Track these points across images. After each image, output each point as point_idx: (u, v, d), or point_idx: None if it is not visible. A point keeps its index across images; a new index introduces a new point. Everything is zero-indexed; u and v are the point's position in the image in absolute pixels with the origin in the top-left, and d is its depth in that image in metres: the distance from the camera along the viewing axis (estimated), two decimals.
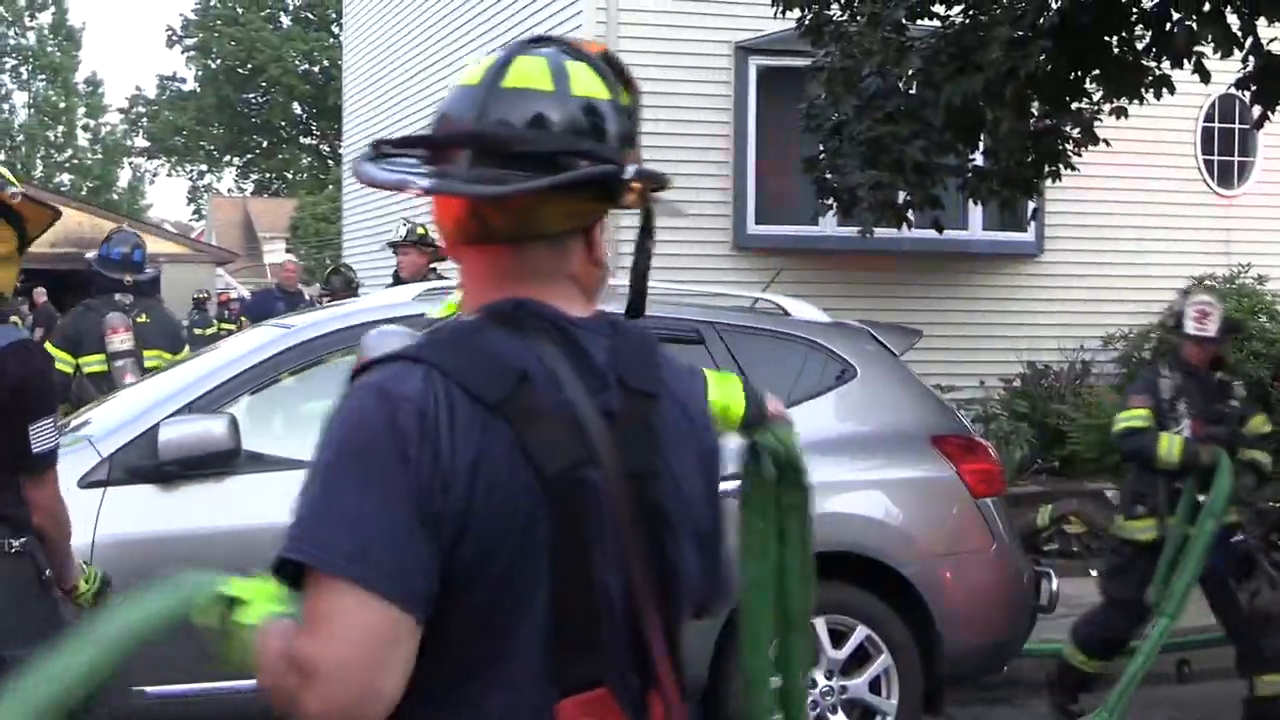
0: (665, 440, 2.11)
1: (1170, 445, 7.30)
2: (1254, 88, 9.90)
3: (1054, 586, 7.00)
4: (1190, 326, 7.46)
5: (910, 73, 10.34)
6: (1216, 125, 15.36)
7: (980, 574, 6.77)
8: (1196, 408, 7.46)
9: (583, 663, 1.98)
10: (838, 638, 6.46)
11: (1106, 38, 9.82)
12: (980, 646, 6.75)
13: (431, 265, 10.54)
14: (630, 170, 2.10)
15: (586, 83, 2.12)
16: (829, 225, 13.22)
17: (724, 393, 4.15)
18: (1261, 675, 7.33)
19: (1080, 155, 10.90)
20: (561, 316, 2.08)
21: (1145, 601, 7.41)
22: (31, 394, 4.15)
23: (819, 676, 6.40)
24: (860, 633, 6.46)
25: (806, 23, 10.90)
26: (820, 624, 6.36)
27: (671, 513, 2.08)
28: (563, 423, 1.98)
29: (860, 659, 6.50)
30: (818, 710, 6.39)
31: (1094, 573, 11.17)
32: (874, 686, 6.50)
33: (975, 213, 13.67)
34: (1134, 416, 7.46)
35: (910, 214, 11.34)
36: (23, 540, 4.17)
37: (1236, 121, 15.02)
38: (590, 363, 2.06)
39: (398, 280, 10.28)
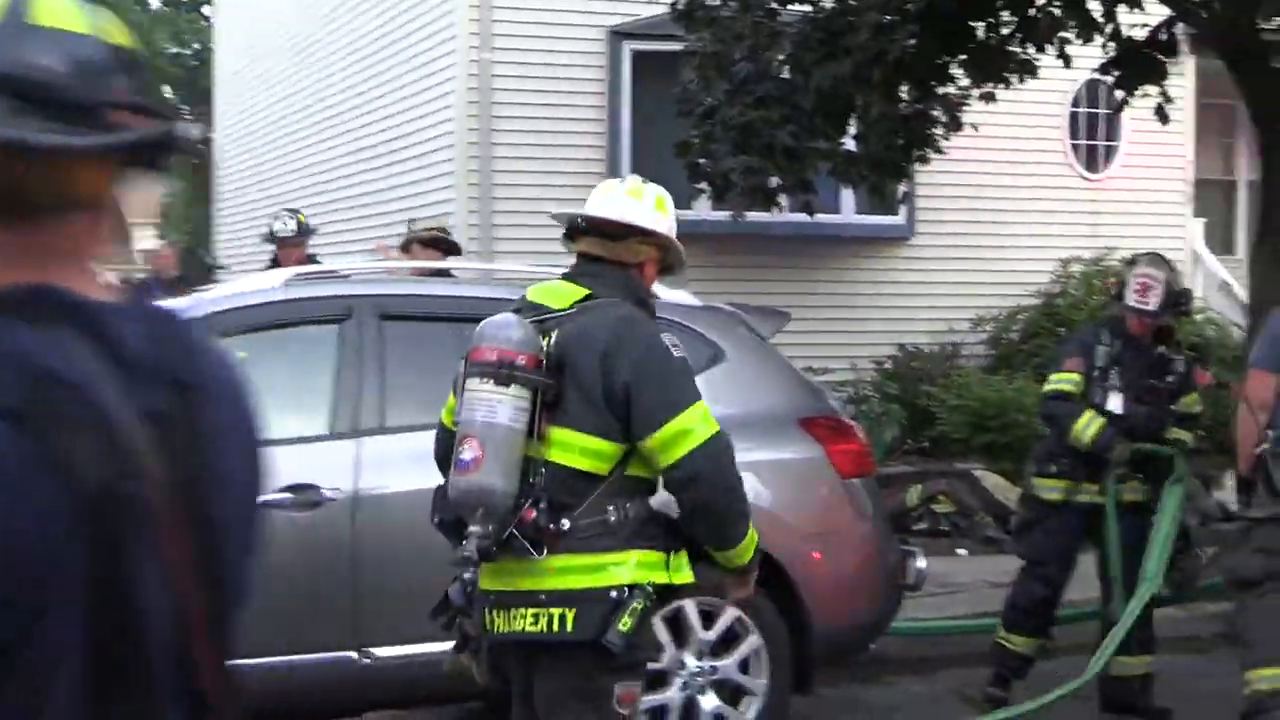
0: (214, 439, 1.84)
1: (1086, 426, 7.21)
2: (1116, 72, 10.09)
3: (920, 565, 7.07)
4: (1130, 298, 7.29)
5: (781, 57, 10.41)
6: (1083, 110, 15.61)
7: (849, 554, 6.84)
8: (1129, 380, 7.34)
9: (129, 704, 1.71)
10: (707, 618, 6.48)
11: (972, 23, 9.95)
12: (849, 626, 6.82)
13: (310, 254, 10.45)
14: (192, 130, 1.84)
15: (117, 30, 1.82)
16: (702, 209, 13.25)
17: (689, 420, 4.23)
18: (1118, 656, 7.43)
19: (948, 139, 11.03)
20: (89, 302, 1.76)
21: (1056, 565, 7.38)
22: None
23: (689, 658, 6.43)
24: (730, 613, 6.49)
25: (679, 7, 10.93)
26: (690, 605, 6.39)
27: (222, 520, 1.83)
28: (96, 430, 1.68)
29: (730, 640, 6.52)
30: (688, 691, 6.43)
31: (962, 551, 11.36)
32: (744, 667, 6.53)
33: (847, 196, 13.78)
34: (1064, 380, 7.37)
35: (782, 198, 11.41)
36: None
37: (1102, 106, 15.25)
38: (127, 356, 1.75)
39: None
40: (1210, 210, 16.97)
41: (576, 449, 4.23)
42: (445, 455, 4.47)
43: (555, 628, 4.17)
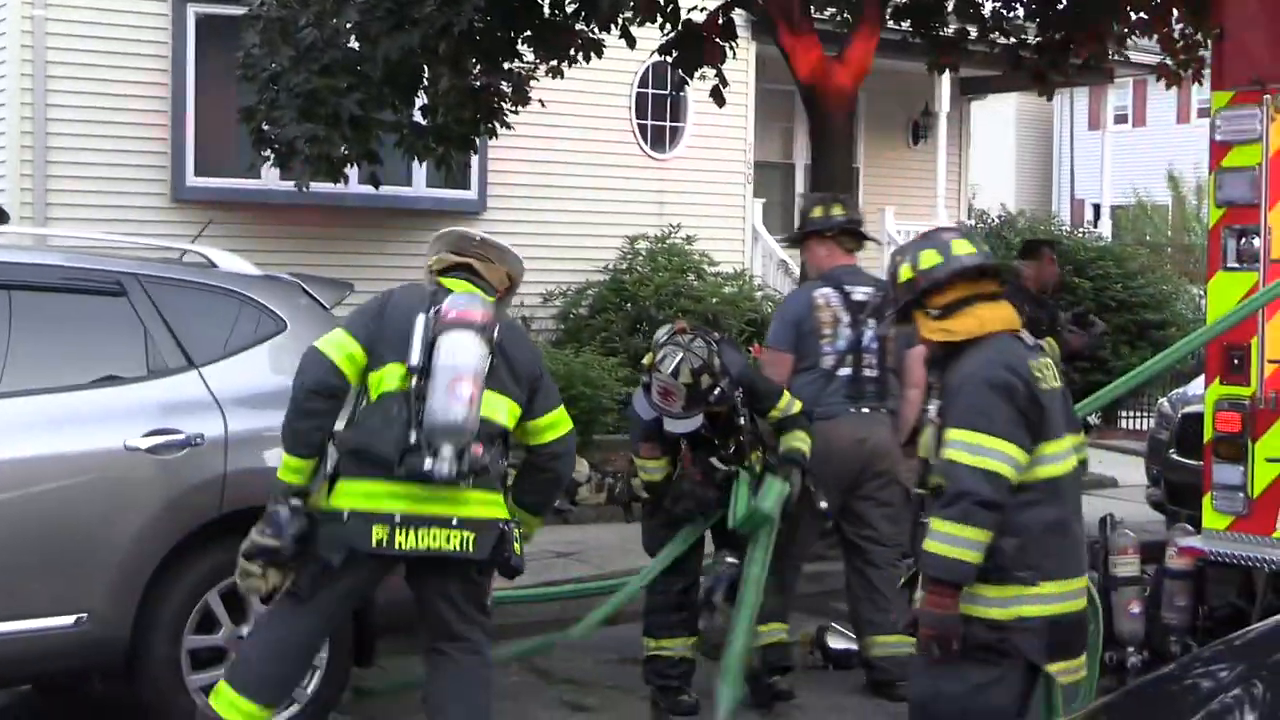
0: None
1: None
2: (676, 54, 10.38)
3: None
4: (655, 399, 6.90)
5: (349, 25, 10.26)
6: (650, 91, 16.00)
7: None
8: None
9: None
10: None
11: (537, 0, 10.06)
12: (409, 597, 6.80)
13: None
14: None
15: None
16: (272, 179, 13.04)
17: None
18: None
19: (516, 114, 11.13)
20: None
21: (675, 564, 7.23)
22: None
23: (246, 631, 6.30)
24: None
25: None
26: None
27: None
28: None
29: None
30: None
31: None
32: None
33: (419, 169, 13.76)
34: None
35: (349, 168, 11.28)
36: None
37: (668, 87, 15.64)
38: None
39: None
40: (770, 191, 17.67)
41: (504, 409, 5.42)
42: (324, 387, 5.32)
43: (462, 547, 5.33)
